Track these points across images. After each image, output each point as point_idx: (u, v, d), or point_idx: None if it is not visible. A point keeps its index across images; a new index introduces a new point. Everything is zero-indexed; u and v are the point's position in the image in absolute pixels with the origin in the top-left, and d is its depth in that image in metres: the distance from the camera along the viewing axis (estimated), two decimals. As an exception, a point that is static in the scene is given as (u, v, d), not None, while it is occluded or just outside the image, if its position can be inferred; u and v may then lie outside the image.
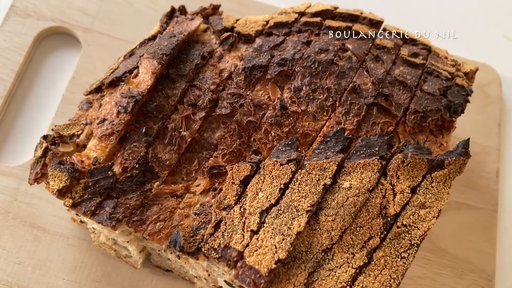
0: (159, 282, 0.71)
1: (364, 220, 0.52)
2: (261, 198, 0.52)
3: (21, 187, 0.73)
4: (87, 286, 0.69)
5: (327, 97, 0.61)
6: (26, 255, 0.69)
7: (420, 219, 0.53)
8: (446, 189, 0.55)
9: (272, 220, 0.51)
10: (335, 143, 0.55)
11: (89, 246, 0.71)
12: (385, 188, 0.54)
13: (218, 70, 0.63)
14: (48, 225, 0.72)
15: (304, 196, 0.52)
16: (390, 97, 0.61)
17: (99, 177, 0.55)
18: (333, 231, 0.51)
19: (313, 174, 0.53)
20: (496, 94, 0.93)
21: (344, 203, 0.52)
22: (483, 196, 0.84)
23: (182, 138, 0.60)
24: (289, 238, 0.50)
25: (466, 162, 0.56)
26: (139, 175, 0.56)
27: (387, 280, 0.50)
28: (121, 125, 0.58)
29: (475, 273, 0.78)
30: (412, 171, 0.55)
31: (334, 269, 0.50)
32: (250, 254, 0.50)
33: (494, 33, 1.01)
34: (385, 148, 0.55)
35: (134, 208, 0.55)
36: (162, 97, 0.61)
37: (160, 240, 0.55)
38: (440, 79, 0.65)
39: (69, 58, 0.84)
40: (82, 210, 0.54)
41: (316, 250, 0.51)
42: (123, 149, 0.59)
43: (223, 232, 0.51)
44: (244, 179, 0.54)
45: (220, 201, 0.53)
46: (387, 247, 0.52)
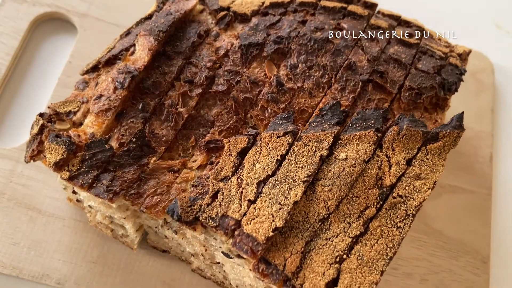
0: (156, 263, 0.70)
1: (360, 190, 0.52)
2: (258, 169, 0.53)
3: (16, 169, 0.73)
4: (82, 267, 0.69)
5: (322, 74, 0.62)
6: (21, 236, 0.69)
7: (415, 190, 0.53)
8: (441, 161, 0.55)
9: (269, 190, 0.51)
10: (331, 116, 0.56)
11: (85, 228, 0.71)
12: (381, 160, 0.54)
13: (215, 48, 0.63)
14: (43, 206, 0.71)
15: (301, 167, 0.52)
16: (385, 74, 0.62)
17: (96, 150, 0.55)
18: (329, 201, 0.52)
19: (309, 145, 0.54)
20: (489, 81, 0.94)
21: (341, 173, 0.53)
22: (477, 180, 0.85)
23: (178, 115, 0.60)
24: (286, 208, 0.50)
25: (460, 135, 0.57)
26: (136, 149, 0.57)
27: (383, 249, 0.50)
28: (118, 101, 0.59)
29: (470, 255, 0.79)
30: (407, 143, 0.55)
31: (331, 238, 0.50)
32: (248, 222, 0.50)
33: (486, 22, 1.02)
34: (380, 121, 0.55)
35: (131, 182, 0.55)
36: (158, 74, 0.61)
37: (157, 213, 0.55)
38: (434, 58, 0.65)
39: (65, 43, 0.84)
40: (79, 183, 0.54)
41: (313, 220, 0.51)
42: (120, 125, 0.59)
43: (220, 202, 0.51)
44: (241, 151, 0.54)
45: (217, 173, 0.53)
46: (383, 217, 0.52)
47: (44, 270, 0.68)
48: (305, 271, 0.49)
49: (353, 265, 0.50)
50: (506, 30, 1.02)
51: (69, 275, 0.68)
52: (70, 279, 0.68)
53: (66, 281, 0.68)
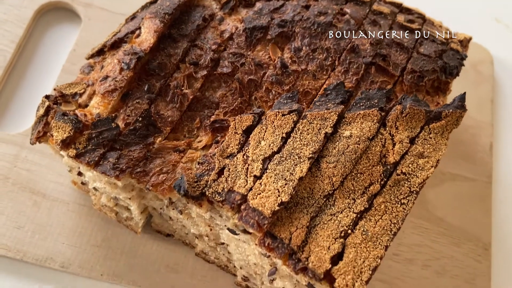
0: (160, 247, 0.71)
1: (364, 167, 0.53)
2: (263, 146, 0.53)
3: (21, 154, 0.73)
4: (87, 250, 0.69)
5: (326, 56, 0.62)
6: (25, 220, 0.69)
7: (418, 168, 0.54)
8: (444, 140, 0.56)
9: (275, 166, 0.52)
10: (336, 96, 0.56)
11: (89, 212, 0.71)
12: (385, 138, 0.55)
13: (219, 31, 0.64)
14: (48, 191, 0.72)
15: (306, 144, 0.53)
16: (388, 57, 0.63)
17: (102, 129, 0.56)
18: (334, 177, 0.52)
19: (314, 123, 0.54)
20: (489, 73, 0.95)
21: (345, 150, 0.53)
22: (477, 169, 0.85)
23: (184, 96, 0.60)
24: (291, 183, 0.51)
25: (462, 115, 0.58)
26: (142, 128, 0.57)
27: (387, 225, 0.51)
28: (123, 82, 0.59)
29: (472, 241, 0.79)
30: (410, 122, 0.56)
31: (336, 214, 0.51)
32: (254, 197, 0.50)
33: (486, 16, 1.04)
34: (384, 101, 0.56)
35: (137, 160, 0.56)
36: (164, 56, 0.61)
37: (163, 191, 0.55)
38: (435, 43, 0.66)
39: (69, 32, 0.85)
40: (85, 160, 0.55)
41: (318, 196, 0.52)
42: (126, 105, 0.59)
43: (226, 177, 0.52)
44: (246, 129, 0.55)
45: (223, 150, 0.54)
46: (387, 193, 0.52)
47: (48, 253, 0.68)
48: (311, 245, 0.49)
49: (358, 240, 0.50)
50: (505, 24, 1.04)
51: (73, 258, 0.68)
52: (74, 262, 0.68)
53: (70, 264, 0.68)
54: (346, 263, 0.49)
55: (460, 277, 0.76)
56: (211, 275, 0.70)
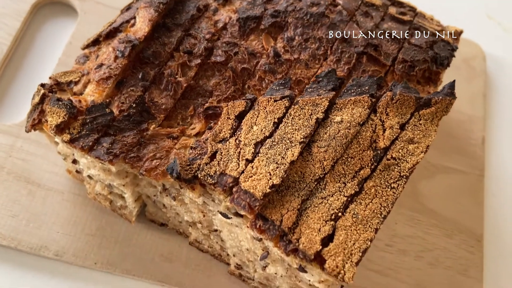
0: (154, 236, 0.71)
1: (355, 152, 0.54)
2: (255, 131, 0.54)
3: (16, 144, 0.74)
4: (81, 239, 0.69)
5: (318, 46, 0.63)
6: (20, 209, 0.70)
7: (408, 153, 0.55)
8: (434, 126, 0.57)
9: (267, 150, 0.53)
10: (327, 83, 0.57)
11: (84, 201, 0.72)
12: (375, 124, 0.55)
13: (213, 21, 0.65)
14: (43, 180, 0.72)
15: (297, 129, 0.54)
16: (379, 47, 0.64)
17: (96, 114, 0.56)
18: (325, 161, 0.53)
19: (305, 109, 0.55)
20: (481, 68, 0.96)
21: (336, 135, 0.54)
22: (470, 162, 0.86)
23: (178, 84, 0.61)
24: (282, 166, 0.52)
25: (452, 102, 0.59)
26: (136, 115, 0.58)
27: (377, 208, 0.52)
28: (118, 69, 0.60)
29: (464, 233, 0.80)
30: (400, 108, 0.56)
31: (327, 197, 0.52)
32: (245, 180, 0.51)
33: (478, 13, 1.05)
34: (374, 88, 0.57)
35: (131, 145, 0.56)
36: (158, 45, 0.62)
37: (156, 176, 0.56)
38: (426, 34, 0.67)
39: (65, 26, 0.86)
40: (79, 145, 0.55)
41: (309, 180, 0.52)
42: (120, 93, 0.60)
43: (218, 161, 0.52)
44: (239, 114, 0.55)
45: (216, 134, 0.54)
46: (377, 177, 0.53)
47: (42, 242, 0.68)
48: (301, 227, 0.50)
49: (348, 222, 0.51)
50: (497, 21, 1.05)
51: (68, 247, 0.69)
52: (68, 251, 0.68)
53: (64, 253, 0.68)
54: (336, 245, 0.49)
55: (453, 268, 0.77)
56: (205, 264, 0.70)
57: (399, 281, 0.75)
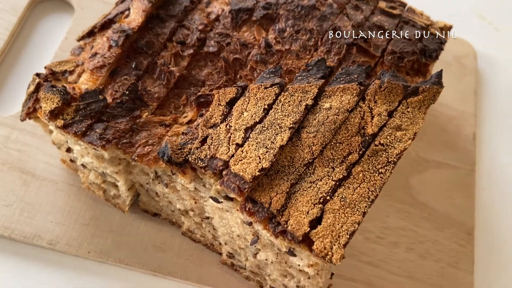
0: (147, 227, 0.72)
1: (343, 137, 0.55)
2: (246, 117, 0.55)
3: (11, 135, 0.75)
4: (75, 229, 0.70)
5: (309, 37, 0.65)
6: (14, 198, 0.70)
7: (396, 140, 0.56)
8: (421, 114, 0.58)
9: (256, 135, 0.54)
10: (317, 71, 0.58)
11: (78, 191, 0.73)
12: (363, 111, 0.57)
13: (206, 13, 0.66)
14: (37, 171, 0.73)
15: (287, 115, 0.55)
16: (369, 39, 0.65)
17: (90, 101, 0.57)
18: (314, 146, 0.54)
19: (295, 96, 0.56)
20: (472, 66, 0.97)
21: (325, 121, 0.55)
22: (461, 157, 0.87)
23: (170, 73, 0.62)
24: (272, 151, 0.52)
25: (439, 91, 0.60)
26: (129, 102, 0.59)
27: (365, 193, 0.52)
28: (112, 58, 0.61)
29: (455, 226, 0.80)
30: (388, 96, 0.58)
31: (315, 182, 0.52)
32: (235, 163, 0.52)
33: (470, 13, 1.07)
34: (363, 76, 0.58)
35: (123, 132, 0.57)
36: (152, 35, 0.63)
37: (149, 162, 0.57)
38: (415, 28, 0.69)
39: (62, 22, 0.87)
40: (73, 131, 0.56)
41: (298, 164, 0.53)
42: (114, 81, 0.61)
43: (209, 145, 0.53)
44: (230, 101, 0.56)
45: (207, 120, 0.55)
46: (365, 163, 0.54)
47: (36, 231, 0.69)
48: (290, 209, 0.51)
49: (336, 206, 0.51)
50: (488, 21, 1.07)
51: (61, 236, 0.69)
52: (62, 240, 0.69)
53: (57, 242, 0.69)
54: (324, 227, 0.50)
55: (443, 260, 0.78)
56: (197, 254, 0.71)
57: (390, 273, 0.75)
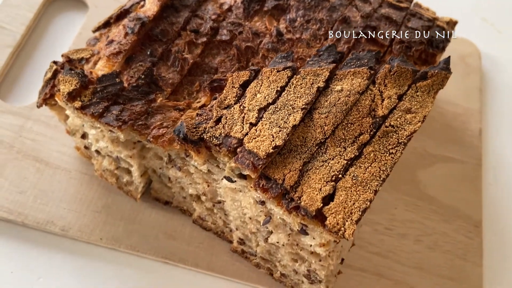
0: (158, 215, 0.73)
1: (354, 118, 0.56)
2: (259, 98, 0.56)
3: (26, 125, 0.76)
4: (87, 216, 0.71)
5: (319, 27, 0.66)
6: (28, 185, 0.72)
7: (406, 122, 0.57)
8: (430, 98, 0.59)
9: (270, 115, 0.55)
10: (328, 56, 0.60)
11: (91, 180, 0.74)
12: (374, 94, 0.58)
13: (219, 3, 0.68)
14: (51, 159, 0.74)
15: (299, 97, 0.56)
16: (378, 28, 0.67)
17: (107, 84, 0.59)
18: (326, 126, 0.55)
19: (307, 78, 0.57)
20: (476, 65, 0.99)
21: (336, 102, 0.56)
22: (467, 152, 0.88)
23: (184, 60, 0.64)
24: (285, 130, 0.54)
25: (447, 76, 0.61)
26: (144, 85, 0.60)
27: (376, 172, 0.53)
28: (128, 45, 0.63)
29: (462, 219, 0.81)
30: (398, 80, 0.59)
31: (327, 161, 0.53)
32: (249, 141, 0.53)
33: (474, 16, 1.09)
34: (373, 61, 0.60)
35: (139, 114, 0.59)
36: (166, 24, 0.65)
37: (163, 143, 0.58)
38: (422, 20, 0.70)
39: (76, 19, 0.90)
40: (90, 112, 0.58)
41: (311, 144, 0.54)
42: (129, 67, 0.63)
43: (223, 124, 0.54)
44: (243, 83, 0.58)
45: (221, 102, 0.57)
46: (376, 143, 0.55)
47: (49, 217, 0.70)
48: (303, 186, 0.52)
49: (348, 184, 0.52)
50: (491, 23, 1.09)
51: (73, 223, 0.70)
52: (74, 226, 0.70)
53: (70, 228, 0.70)
54: (337, 204, 0.51)
55: (451, 252, 0.78)
56: (208, 242, 0.72)
57: (399, 263, 0.75)
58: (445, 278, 0.75)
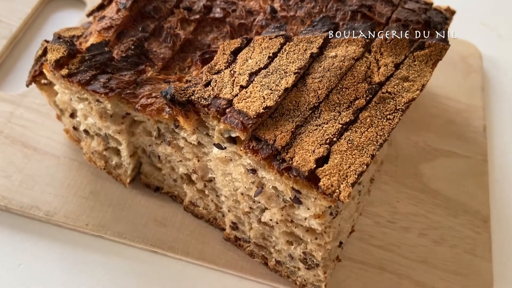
0: (148, 202, 0.70)
1: (349, 83, 0.54)
2: (250, 63, 0.54)
3: (17, 111, 0.75)
4: (74, 201, 0.68)
5: (314, 5, 0.65)
6: (14, 170, 0.69)
7: (404, 90, 0.54)
8: (428, 68, 0.57)
9: (261, 79, 0.53)
10: (322, 26, 0.59)
11: (80, 166, 0.71)
12: (370, 61, 0.56)
13: (213, -17, 0.68)
14: (40, 145, 0.72)
15: (292, 62, 0.54)
16: (373, 8, 0.66)
17: (95, 52, 0.58)
18: (319, 90, 0.53)
19: (300, 45, 0.56)
20: (477, 65, 0.98)
21: (330, 67, 0.54)
22: (472, 147, 0.85)
23: (176, 36, 0.63)
24: (277, 92, 0.51)
25: (446, 48, 0.59)
26: (134, 56, 0.59)
27: (373, 136, 0.51)
28: (119, 20, 0.62)
29: (469, 213, 0.77)
30: (394, 49, 0.57)
31: (321, 125, 0.51)
32: (239, 101, 0.51)
33: (474, 20, 1.09)
34: (368, 32, 0.58)
35: (127, 83, 0.57)
36: (159, 1, 0.65)
37: (151, 112, 0.56)
38: (419, 3, 0.70)
39: (74, 17, 0.90)
40: (77, 79, 0.56)
41: (304, 108, 0.52)
42: (120, 42, 0.62)
43: (213, 87, 0.52)
44: (234, 50, 0.56)
45: (211, 67, 0.55)
46: (372, 109, 0.53)
47: (34, 202, 0.67)
48: (295, 148, 0.49)
49: (343, 147, 0.50)
50: (491, 27, 1.09)
51: (59, 208, 0.67)
52: (60, 212, 0.67)
53: (55, 213, 0.66)
54: (331, 166, 0.48)
55: (459, 246, 0.73)
56: (200, 230, 0.68)
57: (402, 257, 0.71)
58: (452, 273, 0.71)
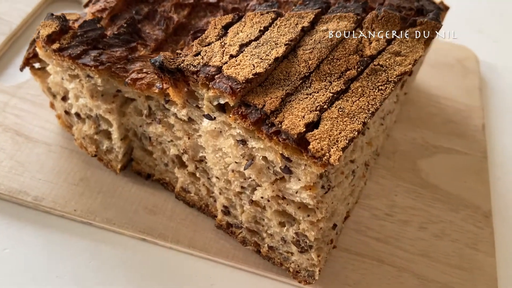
0: (139, 190, 0.68)
1: (341, 54, 0.53)
2: (241, 36, 0.54)
3: (11, 101, 0.74)
4: (63, 187, 0.67)
5: (307, -8, 0.66)
6: (4, 156, 0.68)
7: (396, 63, 0.54)
8: (421, 45, 0.56)
9: (251, 49, 0.52)
10: (314, 4, 0.59)
11: (71, 154, 0.70)
12: (361, 36, 0.56)
13: (208, -28, 0.69)
14: (32, 134, 0.71)
15: (283, 35, 0.54)
16: (366, -6, 0.66)
17: (87, 29, 0.58)
18: (310, 61, 0.52)
19: (291, 20, 0.56)
20: (475, 68, 0.98)
21: (321, 39, 0.54)
22: (471, 144, 0.84)
23: (170, 19, 0.63)
24: (267, 61, 0.51)
25: (438, 26, 0.59)
26: (126, 34, 0.59)
27: (364, 105, 0.49)
28: (113, 2, 0.62)
29: (470, 208, 0.75)
30: (386, 25, 0.57)
31: (312, 94, 0.50)
32: (228, 68, 0.50)
33: (471, 28, 1.10)
34: (360, 10, 0.58)
35: (118, 59, 0.57)
36: (154, -13, 0.66)
37: (141, 86, 0.55)
38: (412, -7, 0.70)
39: (74, 17, 0.91)
40: (67, 53, 0.56)
41: (294, 78, 0.51)
42: (114, 24, 0.62)
43: (203, 56, 0.52)
44: (226, 25, 0.56)
45: (202, 40, 0.55)
46: (364, 80, 0.52)
47: (22, 187, 0.66)
48: (285, 113, 0.48)
49: (334, 115, 0.49)
50: (487, 34, 1.10)
51: (48, 193, 0.66)
52: (48, 197, 0.65)
53: (43, 199, 0.65)
54: (321, 132, 0.47)
55: (460, 241, 0.71)
56: (191, 219, 0.66)
57: (401, 250, 0.68)
58: (454, 267, 0.68)
